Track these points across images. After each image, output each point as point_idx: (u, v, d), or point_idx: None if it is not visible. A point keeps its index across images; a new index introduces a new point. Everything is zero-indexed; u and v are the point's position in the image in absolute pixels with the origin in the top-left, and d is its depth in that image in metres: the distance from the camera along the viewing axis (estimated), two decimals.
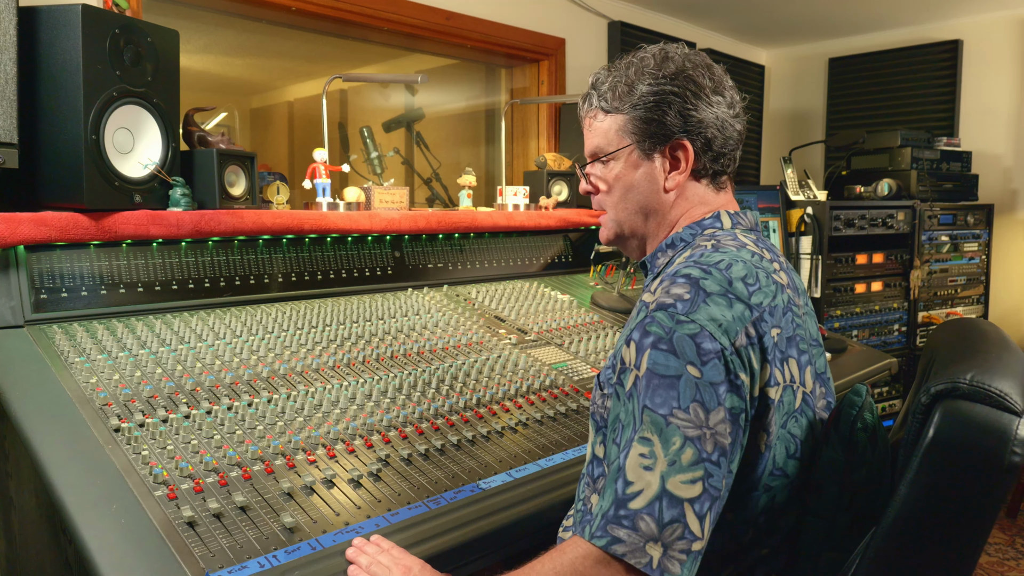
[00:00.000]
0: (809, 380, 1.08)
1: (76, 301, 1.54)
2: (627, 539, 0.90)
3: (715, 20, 4.13)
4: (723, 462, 0.94)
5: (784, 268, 1.14)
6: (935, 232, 3.63)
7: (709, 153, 1.14)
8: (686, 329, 0.96)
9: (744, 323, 0.98)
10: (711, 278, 1.01)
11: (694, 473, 0.92)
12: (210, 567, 0.99)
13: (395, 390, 1.53)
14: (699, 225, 1.16)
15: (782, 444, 1.04)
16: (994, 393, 0.90)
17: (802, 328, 1.09)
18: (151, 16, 2.26)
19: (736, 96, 1.17)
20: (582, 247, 2.63)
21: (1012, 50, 3.96)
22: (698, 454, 0.92)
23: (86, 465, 1.13)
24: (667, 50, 1.16)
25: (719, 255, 1.05)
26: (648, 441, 0.93)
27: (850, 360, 2.39)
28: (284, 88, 4.03)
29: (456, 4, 2.99)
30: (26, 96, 1.45)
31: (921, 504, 0.93)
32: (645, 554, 0.89)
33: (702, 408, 0.93)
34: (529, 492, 1.30)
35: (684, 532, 0.90)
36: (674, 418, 0.93)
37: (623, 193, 1.18)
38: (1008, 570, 3.07)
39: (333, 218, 1.96)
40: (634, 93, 1.13)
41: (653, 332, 0.97)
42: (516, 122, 3.51)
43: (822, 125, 4.62)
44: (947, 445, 0.91)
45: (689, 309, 0.97)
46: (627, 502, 0.91)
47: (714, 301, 0.98)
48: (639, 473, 0.92)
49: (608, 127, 1.17)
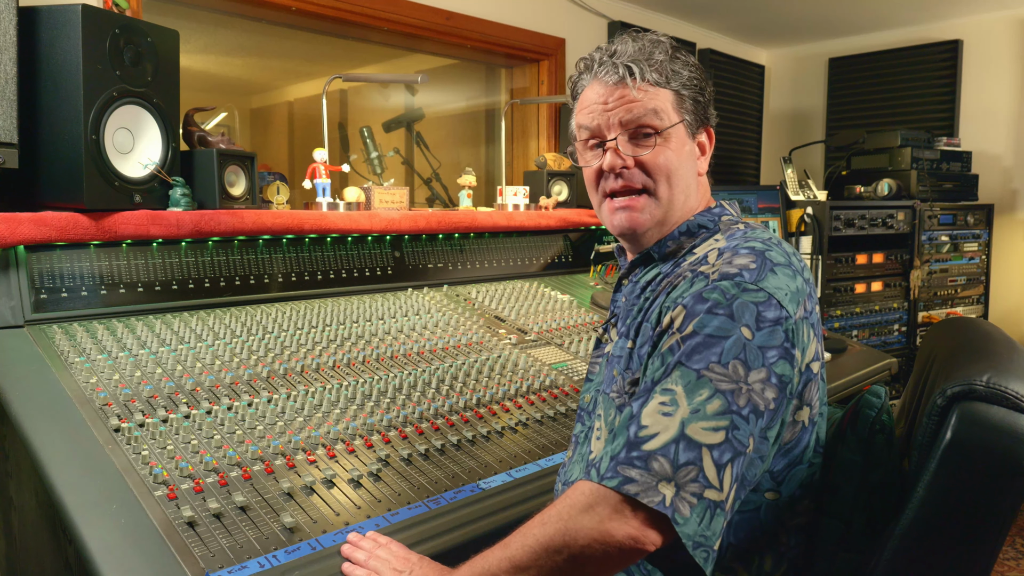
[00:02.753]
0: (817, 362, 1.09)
1: (76, 301, 1.54)
2: (639, 478, 0.86)
3: (715, 20, 4.13)
4: (754, 419, 0.90)
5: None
6: (935, 232, 3.63)
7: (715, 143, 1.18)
8: (752, 296, 0.94)
9: (803, 296, 1.00)
10: (774, 250, 1.02)
11: (718, 422, 0.88)
12: (210, 567, 0.99)
13: (395, 390, 1.53)
14: (711, 212, 1.15)
15: (823, 420, 1.05)
16: (1011, 394, 0.90)
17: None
18: (151, 16, 2.26)
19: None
20: (582, 247, 2.62)
21: (1012, 50, 3.95)
22: (727, 405, 0.89)
23: (86, 465, 1.13)
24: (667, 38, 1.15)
25: (763, 233, 1.07)
26: (670, 391, 0.91)
27: (850, 360, 2.39)
28: (284, 88, 4.03)
29: (456, 4, 2.98)
30: (26, 96, 1.45)
31: (938, 506, 0.93)
32: (658, 492, 0.85)
33: (743, 365, 0.91)
34: (529, 492, 1.30)
35: (699, 475, 0.86)
36: (709, 371, 0.90)
37: (676, 172, 1.10)
38: (1008, 570, 3.07)
39: (333, 218, 1.96)
40: (679, 72, 1.11)
41: (711, 298, 0.95)
42: (516, 122, 3.51)
43: (822, 125, 4.62)
44: (964, 447, 0.91)
45: (757, 277, 0.97)
46: (641, 444, 0.88)
47: (781, 271, 0.99)
48: (656, 418, 0.89)
49: (662, 99, 1.09)
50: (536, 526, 0.91)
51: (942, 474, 0.92)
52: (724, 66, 4.25)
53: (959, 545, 0.94)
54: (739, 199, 3.26)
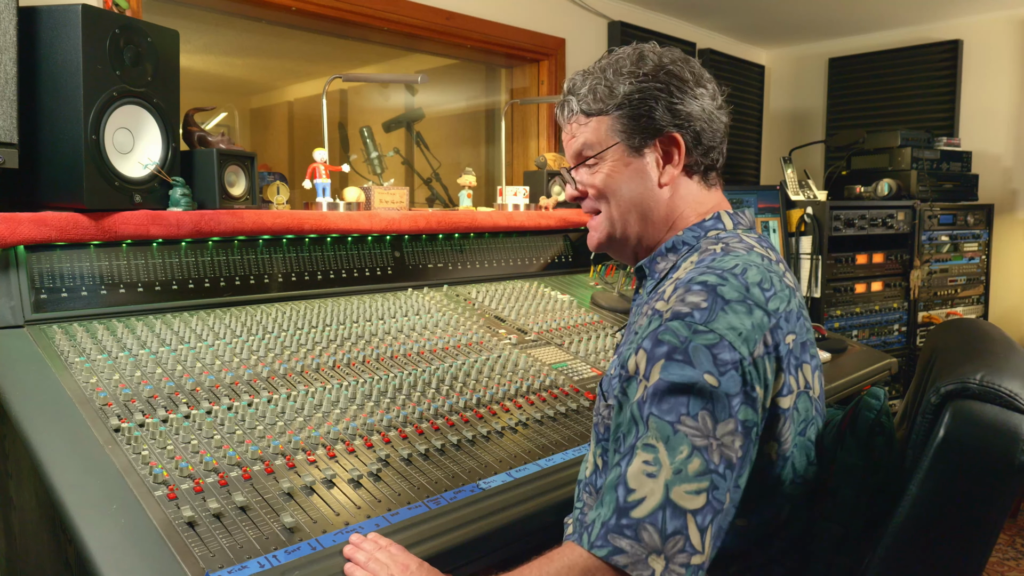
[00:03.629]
0: (816, 385, 1.06)
1: (76, 301, 1.54)
2: (629, 550, 0.87)
3: (715, 20, 4.13)
4: (729, 475, 0.91)
5: (788, 269, 1.12)
6: (935, 232, 3.63)
7: (700, 147, 1.13)
8: (704, 339, 0.93)
9: (763, 331, 0.96)
10: (728, 285, 0.98)
11: (699, 484, 0.89)
12: (210, 567, 0.99)
13: (395, 390, 1.53)
14: (700, 227, 1.14)
15: (801, 452, 1.03)
16: (1004, 393, 0.90)
17: (811, 332, 1.07)
18: (151, 16, 2.26)
19: (717, 88, 1.16)
20: (582, 247, 2.63)
21: (1012, 50, 3.96)
22: (705, 464, 0.90)
23: (86, 465, 1.13)
24: (641, 48, 1.15)
25: (732, 259, 1.03)
26: (652, 448, 0.91)
27: (850, 360, 2.39)
28: (284, 88, 4.03)
29: (456, 4, 2.99)
30: (26, 96, 1.45)
31: (931, 504, 0.92)
32: (647, 567, 0.87)
33: (711, 417, 0.91)
34: (529, 492, 1.30)
35: (685, 545, 0.88)
36: (682, 425, 0.91)
37: (614, 192, 1.15)
38: (1008, 570, 3.07)
39: (333, 218, 1.96)
40: (616, 93, 1.12)
41: (667, 341, 0.95)
42: (516, 122, 3.51)
43: (822, 125, 4.62)
44: (957, 445, 0.91)
45: (707, 318, 0.95)
46: (629, 510, 0.89)
47: (732, 309, 0.96)
48: (642, 480, 0.90)
49: (592, 129, 1.15)
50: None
51: (935, 472, 0.91)
52: (724, 66, 4.25)
53: (951, 543, 0.94)
54: (739, 199, 3.26)
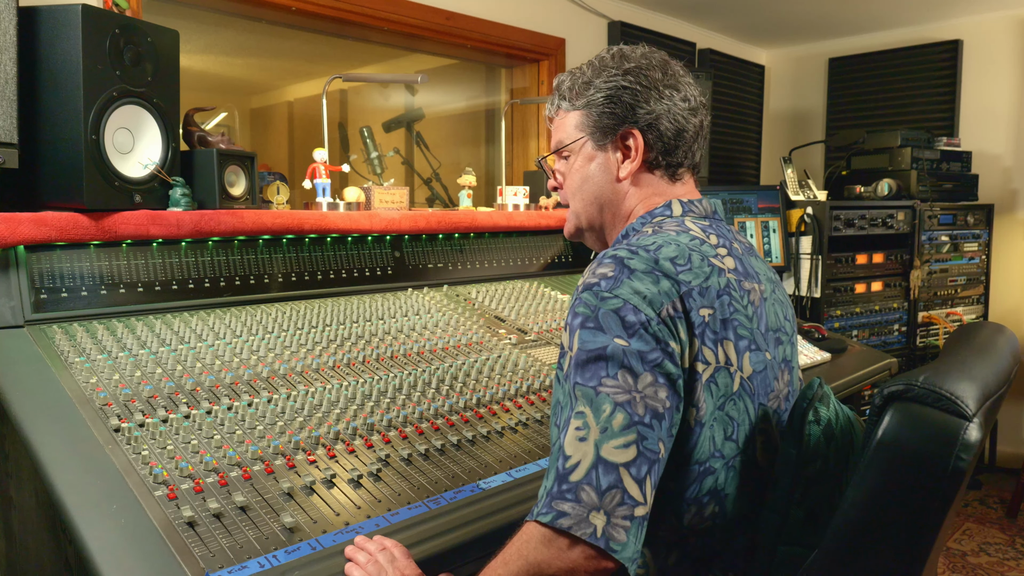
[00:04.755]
0: (747, 366, 1.07)
1: (76, 301, 1.54)
2: (571, 511, 0.91)
3: (715, 20, 4.13)
4: (656, 425, 0.95)
5: (735, 254, 1.13)
6: (935, 232, 3.63)
7: (660, 144, 1.17)
8: (609, 304, 0.98)
9: (671, 298, 1.00)
10: (637, 257, 1.03)
11: (627, 437, 0.93)
12: (210, 567, 0.99)
13: (395, 390, 1.53)
14: (650, 215, 1.19)
15: (720, 426, 1.04)
16: (945, 395, 0.87)
17: (742, 313, 1.07)
18: (151, 16, 2.26)
19: (693, 92, 1.20)
20: (582, 247, 2.63)
21: (1012, 50, 3.96)
22: (629, 418, 0.94)
23: (86, 465, 1.13)
24: (624, 49, 1.21)
25: (652, 238, 1.09)
26: (581, 414, 0.95)
27: (850, 360, 2.39)
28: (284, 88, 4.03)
29: (456, 4, 2.99)
30: (26, 96, 1.45)
31: (867, 506, 0.91)
32: (589, 524, 0.90)
33: (630, 373, 0.95)
34: (529, 492, 1.30)
35: (624, 497, 0.91)
36: (603, 387, 0.95)
37: (580, 184, 1.23)
38: (1008, 570, 3.07)
39: (333, 218, 1.96)
40: (590, 89, 1.19)
41: (580, 312, 1.00)
42: (516, 122, 3.51)
43: (822, 125, 4.62)
44: (893, 447, 0.89)
45: (612, 286, 1.00)
46: (567, 475, 0.93)
47: (637, 277, 1.00)
48: (576, 446, 0.94)
49: (567, 123, 1.23)
50: (499, 566, 0.96)
51: (871, 473, 0.90)
52: (724, 66, 4.25)
53: (887, 545, 0.92)
54: (739, 199, 3.26)
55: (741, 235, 1.24)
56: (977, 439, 0.85)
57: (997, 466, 4.04)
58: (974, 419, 0.86)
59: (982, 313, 3.90)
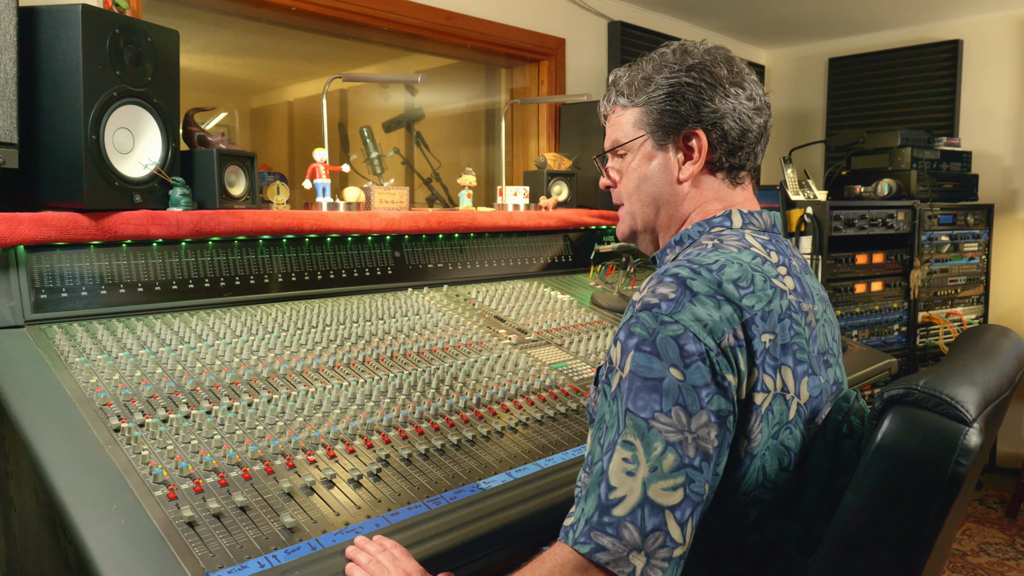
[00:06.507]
0: (805, 391, 1.03)
1: (76, 301, 1.54)
2: (611, 547, 0.89)
3: (715, 20, 4.13)
4: (706, 467, 0.93)
5: (794, 272, 1.09)
6: (935, 232, 3.63)
7: (725, 145, 1.13)
8: (669, 331, 0.94)
9: (733, 325, 0.96)
10: (700, 278, 0.98)
11: (675, 480, 0.91)
12: (210, 567, 0.99)
13: (395, 390, 1.53)
14: (708, 223, 1.14)
15: (773, 456, 1.01)
16: (945, 400, 0.87)
17: (802, 336, 1.03)
18: (151, 16, 2.26)
19: (758, 90, 1.15)
20: (582, 247, 2.62)
21: (1012, 50, 3.96)
22: (679, 459, 0.91)
23: (86, 465, 1.13)
24: (686, 44, 1.16)
25: (715, 255, 1.03)
26: (631, 445, 0.92)
27: (850, 360, 2.39)
28: (284, 88, 4.03)
29: (456, 4, 2.98)
30: (26, 96, 1.45)
31: (865, 510, 0.91)
32: (628, 564, 0.89)
33: (684, 412, 0.92)
34: (529, 492, 1.30)
35: (666, 540, 0.90)
36: (656, 422, 0.92)
37: (637, 185, 1.18)
38: (1008, 570, 3.07)
39: (333, 218, 1.96)
40: (650, 86, 1.14)
41: (637, 333, 0.96)
42: (516, 122, 3.51)
43: (822, 125, 4.62)
44: (892, 451, 0.89)
45: (673, 309, 0.95)
46: (610, 508, 0.91)
47: (700, 301, 0.96)
48: (622, 478, 0.91)
49: (625, 120, 1.18)
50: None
51: (870, 477, 0.90)
52: None
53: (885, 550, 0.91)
54: None
55: (797, 251, 1.19)
56: (977, 444, 0.85)
57: (997, 466, 4.04)
58: (974, 424, 0.85)
59: (982, 313, 3.90)
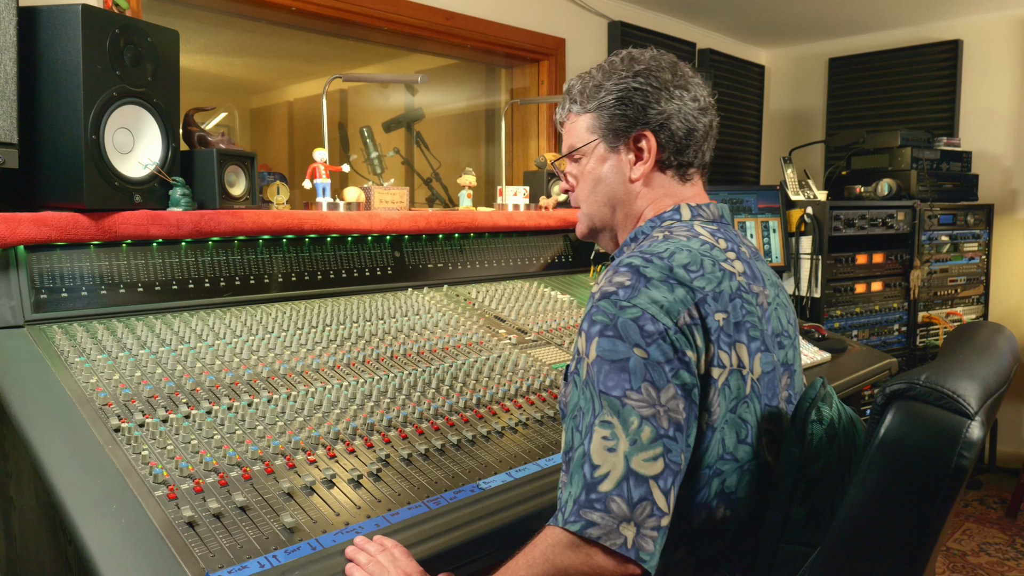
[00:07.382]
0: (758, 367, 1.09)
1: (76, 301, 1.54)
2: (601, 522, 0.93)
3: (715, 20, 4.13)
4: (680, 436, 0.98)
5: (743, 258, 1.15)
6: (935, 232, 3.63)
7: (672, 144, 1.19)
8: (628, 314, 1.00)
9: (687, 305, 1.02)
10: (652, 265, 1.05)
11: (655, 450, 0.95)
12: (210, 567, 0.99)
13: (395, 390, 1.53)
14: (659, 218, 1.20)
15: (731, 428, 1.06)
16: (947, 394, 0.87)
17: (753, 315, 1.10)
18: (151, 16, 2.26)
19: (703, 92, 1.21)
20: (582, 247, 2.63)
21: (1012, 50, 3.96)
22: (655, 431, 0.96)
23: (86, 465, 1.13)
24: (633, 52, 1.23)
25: (665, 244, 1.09)
26: (608, 424, 0.97)
27: (850, 360, 2.39)
28: (284, 88, 4.03)
29: (456, 4, 2.99)
30: (26, 96, 1.45)
31: (869, 504, 0.91)
32: (619, 535, 0.93)
33: (652, 387, 0.97)
34: (529, 492, 1.30)
35: (653, 509, 0.94)
36: (628, 399, 0.97)
37: (592, 186, 1.24)
38: (1008, 570, 3.07)
39: (333, 218, 1.96)
40: (601, 92, 1.20)
41: (599, 320, 1.02)
42: (516, 122, 3.51)
43: (822, 125, 4.62)
44: (895, 445, 0.89)
45: (630, 295, 1.01)
46: (596, 485, 0.95)
47: (654, 286, 1.02)
48: (604, 456, 0.96)
49: (579, 126, 1.23)
50: (523, 568, 0.98)
51: (873, 472, 0.90)
52: (724, 66, 4.25)
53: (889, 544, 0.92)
54: (739, 199, 3.26)
55: (747, 239, 1.25)
56: (979, 437, 0.85)
57: (997, 466, 4.04)
58: (976, 417, 0.86)
59: (982, 313, 3.90)
